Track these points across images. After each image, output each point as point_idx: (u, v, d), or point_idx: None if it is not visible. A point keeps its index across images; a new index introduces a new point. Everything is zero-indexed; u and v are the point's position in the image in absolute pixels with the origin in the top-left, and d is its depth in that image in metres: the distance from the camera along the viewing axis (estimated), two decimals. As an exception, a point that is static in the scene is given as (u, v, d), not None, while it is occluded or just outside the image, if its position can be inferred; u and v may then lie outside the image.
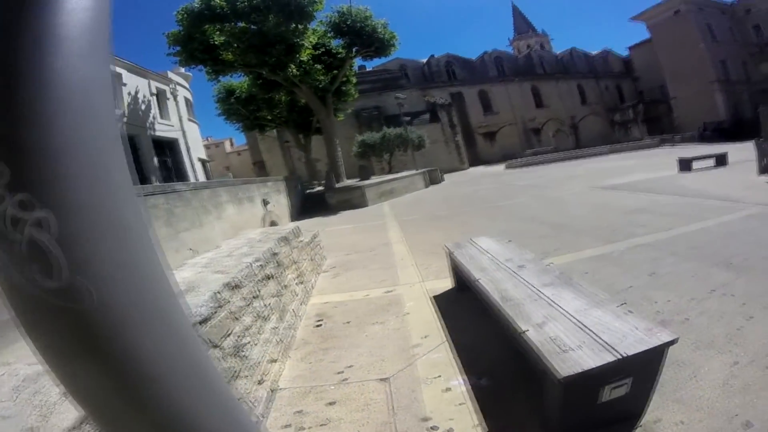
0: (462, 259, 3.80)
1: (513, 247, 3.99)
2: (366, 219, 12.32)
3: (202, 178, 22.91)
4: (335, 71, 20.27)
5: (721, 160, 13.35)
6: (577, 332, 2.10)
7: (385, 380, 2.80)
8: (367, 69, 40.16)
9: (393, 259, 6.47)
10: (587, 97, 50.51)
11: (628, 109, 47.03)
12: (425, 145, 27.89)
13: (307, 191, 20.09)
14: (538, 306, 2.50)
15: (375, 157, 28.13)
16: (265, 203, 11.42)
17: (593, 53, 55.59)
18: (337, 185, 17.97)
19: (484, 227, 7.98)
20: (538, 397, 2.17)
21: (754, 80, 34.71)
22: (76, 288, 0.39)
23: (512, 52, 58.40)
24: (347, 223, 12.22)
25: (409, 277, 5.30)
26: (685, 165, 13.09)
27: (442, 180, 25.31)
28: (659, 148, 29.97)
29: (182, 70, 22.21)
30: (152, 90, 21.09)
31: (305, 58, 18.01)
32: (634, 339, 1.95)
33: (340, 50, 20.19)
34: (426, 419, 2.35)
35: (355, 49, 20.02)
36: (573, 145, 43.83)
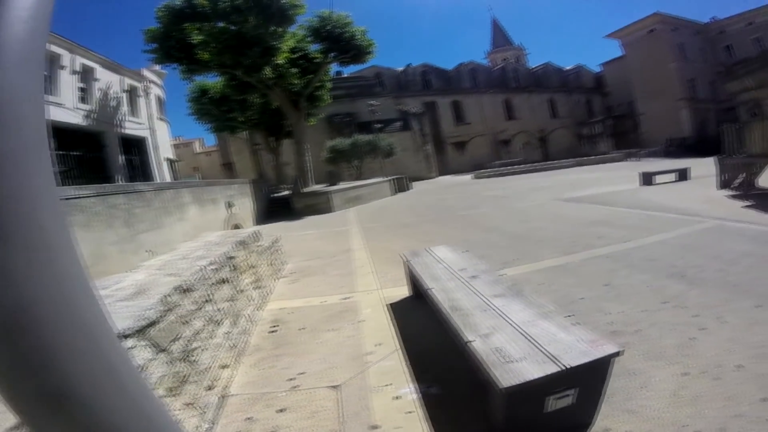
0: (417, 267, 3.83)
1: (468, 256, 4.05)
2: (330, 225, 12.27)
3: (168, 178, 22.31)
4: (310, 76, 20.18)
5: (683, 175, 13.80)
6: (523, 343, 2.13)
7: (336, 388, 2.79)
8: (344, 75, 40.25)
9: (353, 266, 6.45)
10: (558, 111, 51.70)
11: (596, 124, 48.43)
12: (395, 153, 28.10)
13: (274, 195, 19.88)
14: (486, 316, 2.52)
15: (345, 163, 28.16)
16: (230, 206, 11.22)
17: (567, 68, 56.98)
18: (304, 190, 17.84)
19: (447, 236, 8.04)
20: (487, 406, 2.19)
21: (720, 99, 35.94)
22: None
23: (488, 64, 59.63)
24: (311, 228, 12.13)
25: (368, 285, 5.30)
26: (648, 179, 13.42)
27: (410, 188, 25.47)
28: (624, 162, 30.93)
29: (157, 67, 21.59)
30: (125, 87, 20.43)
31: (281, 62, 17.91)
32: (578, 351, 1.98)
33: (317, 55, 20.11)
34: (374, 427, 2.35)
35: (332, 55, 19.97)
36: (541, 158, 44.72)
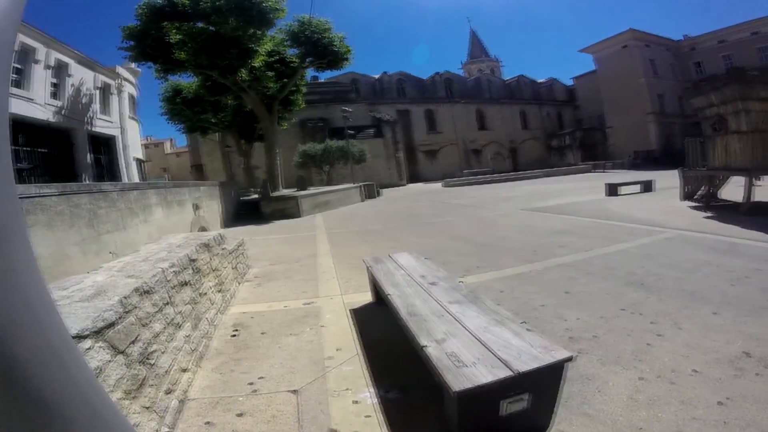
0: (379, 274, 3.91)
1: (429, 264, 4.16)
2: (297, 230, 12.24)
3: (136, 178, 21.72)
4: (286, 80, 20.12)
5: (648, 187, 14.30)
6: (476, 349, 2.19)
7: (295, 392, 2.82)
8: (320, 80, 40.20)
9: (317, 271, 6.46)
10: (529, 123, 52.97)
11: (566, 136, 49.83)
12: (366, 159, 28.21)
13: (243, 198, 19.62)
14: (442, 322, 2.61)
15: (315, 168, 28.12)
16: (197, 208, 11.02)
17: (540, 81, 58.52)
18: (273, 194, 17.68)
19: (413, 243, 8.14)
20: (444, 410, 2.24)
21: (686, 113, 36.71)
22: None
23: (463, 74, 60.84)
24: (278, 232, 12.07)
25: (331, 290, 5.33)
26: (613, 190, 13.82)
27: (379, 195, 25.53)
28: (591, 173, 32.04)
29: (133, 65, 21.03)
30: (98, 83, 19.88)
31: (258, 64, 17.80)
32: (529, 356, 2.04)
33: (294, 59, 20.08)
34: (333, 431, 2.39)
35: (308, 60, 19.98)
36: (510, 168, 45.81)
